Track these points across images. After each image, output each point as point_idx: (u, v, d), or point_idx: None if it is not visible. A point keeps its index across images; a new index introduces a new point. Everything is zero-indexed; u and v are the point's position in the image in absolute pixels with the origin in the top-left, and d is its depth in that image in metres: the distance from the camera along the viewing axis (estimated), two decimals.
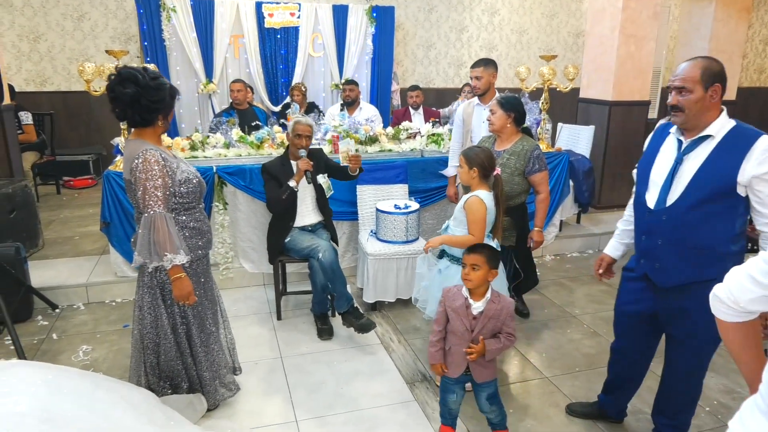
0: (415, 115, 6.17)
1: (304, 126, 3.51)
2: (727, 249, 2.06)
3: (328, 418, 2.74)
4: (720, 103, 2.06)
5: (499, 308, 2.30)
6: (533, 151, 3.19)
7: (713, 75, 2.02)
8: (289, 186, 3.41)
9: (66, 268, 4.27)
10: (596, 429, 2.70)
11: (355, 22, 7.42)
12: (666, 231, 2.14)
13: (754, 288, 1.30)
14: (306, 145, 3.52)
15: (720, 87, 2.03)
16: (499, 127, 3.21)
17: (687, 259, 2.11)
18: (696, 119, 2.06)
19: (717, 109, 2.06)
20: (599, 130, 5.77)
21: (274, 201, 3.46)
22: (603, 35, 5.73)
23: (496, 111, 3.19)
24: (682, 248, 2.11)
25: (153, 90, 2.32)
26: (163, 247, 2.27)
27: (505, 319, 2.31)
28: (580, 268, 4.83)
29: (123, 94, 2.30)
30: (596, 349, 3.45)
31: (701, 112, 2.05)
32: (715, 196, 2.02)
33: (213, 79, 7.03)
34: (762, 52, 10.68)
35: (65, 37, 7.20)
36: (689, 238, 2.09)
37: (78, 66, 3.93)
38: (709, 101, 2.03)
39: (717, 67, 2.04)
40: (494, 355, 2.32)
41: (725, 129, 2.04)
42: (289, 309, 3.94)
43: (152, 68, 2.51)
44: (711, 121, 2.05)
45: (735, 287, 1.34)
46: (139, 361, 2.59)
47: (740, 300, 1.33)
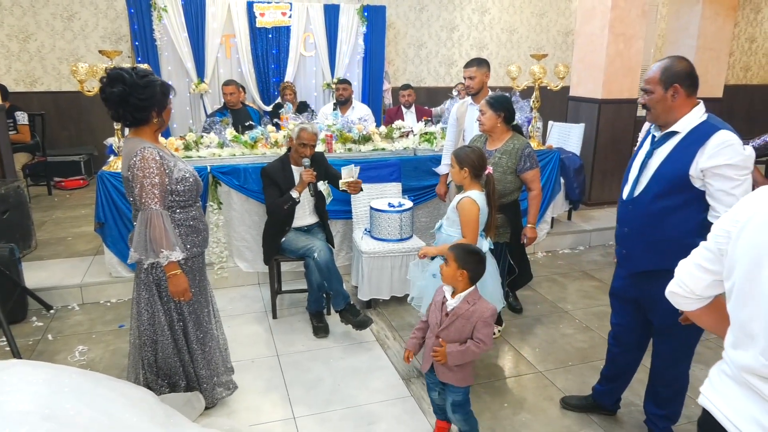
0: (408, 113, 6.21)
1: (310, 134, 3.44)
2: (693, 241, 2.10)
3: (326, 415, 2.77)
4: (688, 100, 2.12)
5: (471, 309, 2.28)
6: (524, 149, 3.23)
7: (672, 76, 2.09)
8: (291, 197, 3.39)
9: (60, 268, 4.27)
10: (590, 421, 2.75)
11: (346, 22, 7.44)
12: (632, 220, 2.27)
13: (704, 275, 1.39)
14: (310, 154, 3.46)
15: (679, 87, 2.08)
16: (489, 127, 3.25)
17: (652, 248, 2.22)
18: (664, 117, 2.15)
19: (686, 106, 2.12)
20: (589, 127, 5.83)
21: (275, 209, 3.45)
22: (593, 34, 5.80)
23: (486, 111, 3.22)
24: (647, 237, 2.23)
25: (141, 88, 2.33)
26: (159, 244, 2.30)
27: (476, 322, 2.26)
28: (572, 264, 4.89)
29: (111, 94, 2.32)
30: (588, 343, 3.50)
31: (666, 111, 2.14)
32: (673, 188, 2.11)
33: (204, 78, 7.03)
34: (748, 50, 10.82)
35: (55, 37, 7.16)
36: (652, 229, 2.19)
37: (71, 66, 3.93)
38: (671, 101, 2.11)
39: (679, 68, 2.11)
40: (456, 360, 2.27)
41: (692, 124, 2.11)
42: (284, 307, 3.96)
43: (145, 68, 2.52)
44: (680, 118, 2.13)
45: (687, 278, 1.44)
46: (137, 358, 2.61)
47: (695, 289, 1.42)
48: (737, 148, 2.00)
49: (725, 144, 2.00)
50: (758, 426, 1.21)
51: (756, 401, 1.23)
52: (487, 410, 2.82)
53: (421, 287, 2.99)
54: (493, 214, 2.86)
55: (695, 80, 2.13)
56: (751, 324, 1.22)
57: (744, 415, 1.25)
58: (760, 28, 10.76)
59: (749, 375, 1.24)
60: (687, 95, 2.11)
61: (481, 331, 2.28)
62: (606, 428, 2.69)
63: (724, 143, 2.00)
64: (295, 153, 3.51)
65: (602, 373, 2.75)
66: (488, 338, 2.28)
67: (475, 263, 2.32)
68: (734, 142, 2.01)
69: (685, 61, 2.14)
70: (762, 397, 1.22)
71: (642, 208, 2.21)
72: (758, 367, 1.20)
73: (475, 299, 2.32)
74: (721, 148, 2.00)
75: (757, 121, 10.75)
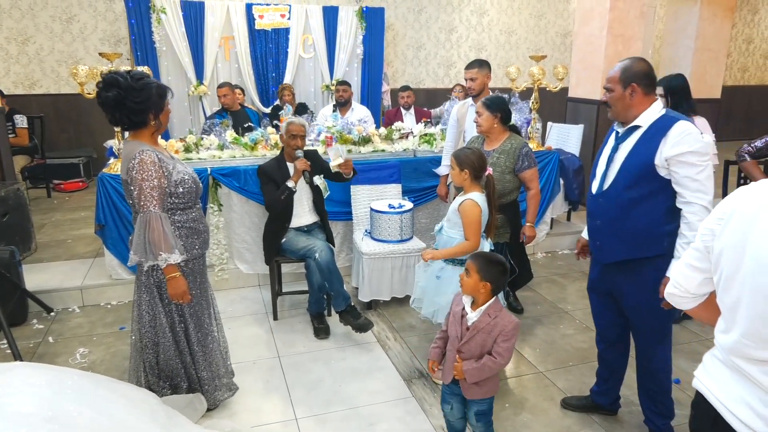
0: (407, 115, 6.21)
1: (297, 126, 3.54)
2: (662, 229, 2.23)
3: (328, 416, 2.77)
4: (645, 98, 2.23)
5: (492, 323, 2.16)
6: (522, 149, 3.24)
7: (631, 75, 2.22)
8: (288, 186, 3.44)
9: (60, 271, 4.27)
10: (590, 421, 2.75)
11: (345, 23, 7.46)
12: (603, 213, 2.36)
13: (695, 275, 1.45)
14: (301, 145, 3.54)
15: (637, 86, 2.20)
16: (486, 128, 3.26)
17: (623, 239, 2.30)
18: (623, 114, 2.27)
19: (644, 104, 2.23)
20: (588, 128, 5.84)
21: (273, 202, 3.48)
22: (591, 35, 5.81)
23: (483, 113, 3.24)
24: (618, 228, 2.31)
25: (137, 91, 2.33)
26: (158, 246, 2.30)
27: (497, 336, 2.15)
28: (572, 264, 4.90)
29: (107, 99, 2.33)
30: (588, 343, 3.51)
31: (625, 108, 2.26)
32: (640, 179, 2.21)
33: (204, 81, 7.04)
34: (745, 51, 10.86)
35: (54, 39, 7.17)
36: (623, 220, 2.28)
37: (71, 69, 3.93)
38: (629, 99, 2.23)
39: (637, 68, 2.23)
40: (473, 377, 2.16)
41: (653, 118, 2.22)
42: (285, 309, 3.96)
43: (145, 70, 2.52)
44: (640, 114, 2.24)
45: (681, 279, 1.50)
46: (138, 360, 2.61)
47: (689, 288, 1.48)
48: (696, 135, 2.12)
49: (685, 133, 2.11)
50: (747, 406, 1.28)
51: (744, 383, 1.30)
52: None
53: (423, 288, 2.99)
54: (494, 215, 2.87)
55: (652, 80, 2.25)
56: (735, 308, 1.29)
57: (734, 396, 1.31)
58: (757, 29, 10.80)
59: (736, 357, 1.31)
60: (644, 93, 2.22)
61: (501, 345, 2.14)
62: (607, 428, 2.69)
63: (685, 132, 2.11)
64: (288, 147, 3.56)
65: (597, 374, 2.79)
66: (507, 352, 2.15)
67: (499, 274, 2.20)
68: (693, 131, 2.12)
69: (644, 62, 2.26)
70: (749, 379, 1.29)
71: (612, 200, 2.30)
72: (742, 348, 1.28)
73: (497, 312, 2.19)
74: (683, 137, 2.11)
75: (756, 121, 10.79)
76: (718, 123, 3.99)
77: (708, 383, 1.40)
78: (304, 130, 3.57)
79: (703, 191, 2.12)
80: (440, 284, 2.86)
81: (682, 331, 3.64)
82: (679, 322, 3.83)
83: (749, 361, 1.28)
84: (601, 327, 2.66)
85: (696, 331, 3.64)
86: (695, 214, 2.12)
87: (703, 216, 2.10)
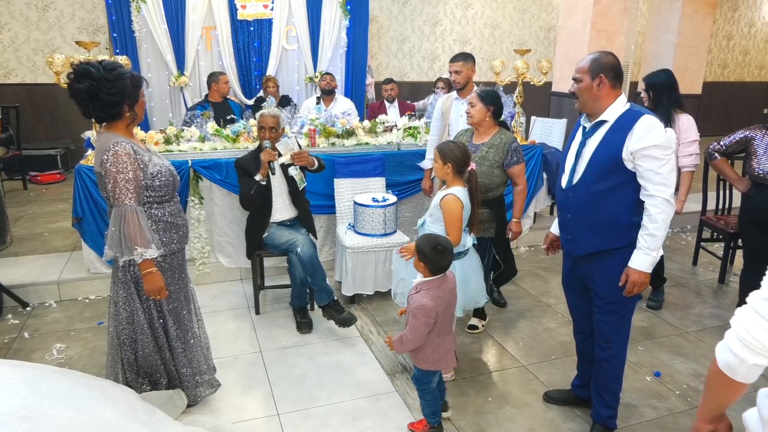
0: (391, 108, 6.18)
1: (267, 117, 3.44)
2: (630, 220, 2.29)
3: (311, 411, 2.75)
4: (612, 91, 2.28)
5: (412, 298, 2.37)
6: (511, 144, 3.24)
7: (599, 67, 2.27)
8: (255, 180, 3.37)
9: (36, 265, 4.18)
10: (573, 414, 2.77)
11: (329, 15, 7.37)
12: (573, 206, 2.41)
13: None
14: (271, 137, 3.43)
15: (604, 77, 2.25)
16: (478, 120, 3.24)
17: (593, 231, 2.35)
18: (590, 105, 2.32)
19: (611, 97, 2.28)
20: (572, 123, 5.85)
21: (244, 196, 3.43)
22: (575, 30, 5.83)
23: (476, 104, 3.21)
24: (588, 221, 2.35)
25: (110, 82, 2.26)
26: (133, 241, 2.25)
27: (410, 312, 2.35)
28: (554, 258, 4.91)
29: (79, 91, 2.25)
30: (571, 337, 3.49)
31: (592, 99, 2.30)
32: (608, 172, 2.25)
33: (185, 71, 6.92)
34: (725, 47, 11.00)
35: (29, 27, 6.99)
36: (593, 212, 2.32)
37: (47, 57, 3.83)
38: (597, 90, 2.27)
39: (605, 60, 2.28)
40: (397, 347, 2.41)
41: (618, 113, 2.26)
42: (268, 303, 3.93)
43: (124, 60, 2.45)
44: (606, 107, 2.29)
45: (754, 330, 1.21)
46: (116, 357, 2.56)
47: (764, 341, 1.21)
48: (660, 129, 2.17)
49: (650, 127, 2.16)
50: None
51: None
52: (472, 405, 2.83)
53: (402, 280, 2.97)
54: (476, 210, 2.86)
55: (620, 74, 2.29)
56: None
57: None
58: (737, 26, 10.94)
59: None
60: (611, 86, 2.27)
61: (409, 321, 2.34)
62: (589, 421, 2.71)
63: (649, 126, 2.16)
64: (259, 138, 3.50)
65: (577, 366, 2.82)
66: (411, 329, 2.32)
67: (433, 254, 2.32)
68: (657, 125, 2.17)
69: (612, 56, 2.32)
70: None
71: (581, 193, 2.35)
72: None
73: (421, 289, 2.34)
74: (647, 131, 2.15)
75: (734, 116, 10.94)
76: (699, 119, 4.01)
77: None
78: (275, 121, 3.45)
79: (665, 184, 2.17)
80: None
81: (662, 324, 3.68)
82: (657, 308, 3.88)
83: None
84: (577, 319, 2.70)
85: (675, 324, 3.69)
86: (656, 206, 2.18)
87: (664, 209, 2.17)
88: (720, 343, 1.27)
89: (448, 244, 2.41)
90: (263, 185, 3.41)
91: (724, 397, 1.32)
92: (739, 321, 1.23)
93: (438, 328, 2.38)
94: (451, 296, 2.45)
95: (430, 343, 2.38)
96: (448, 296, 2.42)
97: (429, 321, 2.31)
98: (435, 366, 2.46)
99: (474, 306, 3.18)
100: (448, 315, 2.46)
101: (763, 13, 11.02)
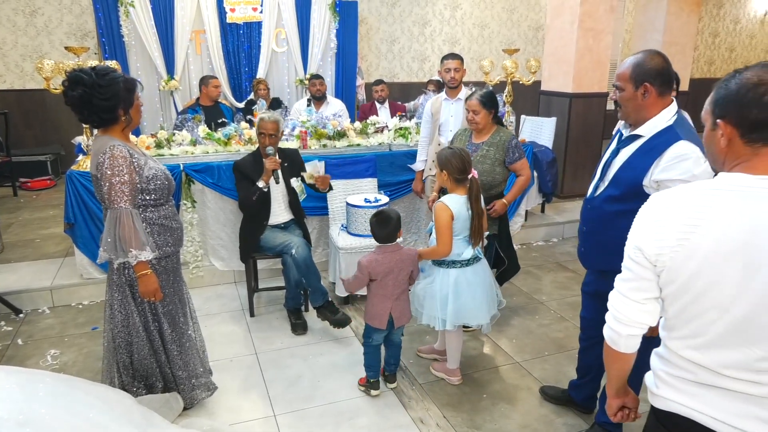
0: (381, 109, 6.20)
1: (268, 123, 3.43)
2: None
3: (307, 411, 2.77)
4: (659, 99, 2.02)
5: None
6: (511, 141, 3.26)
7: (643, 73, 1.99)
8: (258, 187, 3.39)
9: (29, 271, 4.16)
10: (567, 410, 2.80)
11: (318, 17, 7.38)
12: (589, 220, 2.29)
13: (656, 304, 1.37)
14: (272, 143, 3.44)
15: (650, 86, 1.99)
16: (484, 125, 3.26)
17: (603, 249, 2.22)
18: (634, 115, 2.08)
19: (658, 106, 2.03)
20: (561, 121, 5.92)
21: (245, 201, 3.43)
22: (563, 29, 5.88)
23: (480, 111, 3.19)
24: (599, 237, 2.25)
25: (103, 87, 2.27)
26: (128, 243, 2.26)
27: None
28: (546, 256, 4.97)
29: (73, 98, 2.26)
30: (564, 333, 3.57)
31: (636, 110, 2.05)
32: (628, 194, 2.06)
33: (174, 75, 6.90)
34: (711, 44, 11.12)
35: (17, 33, 6.96)
36: (605, 230, 2.18)
37: (36, 63, 3.82)
38: (641, 99, 2.02)
39: (651, 65, 2.00)
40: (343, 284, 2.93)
41: (657, 129, 2.03)
42: (262, 305, 3.94)
43: (113, 65, 2.45)
44: (651, 117, 2.04)
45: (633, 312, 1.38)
46: (112, 361, 2.56)
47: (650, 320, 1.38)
48: (692, 163, 1.92)
49: (681, 158, 1.94)
50: (755, 419, 1.23)
51: (741, 398, 1.24)
52: (467, 401, 2.86)
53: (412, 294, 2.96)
54: (476, 220, 2.75)
55: (668, 78, 2.03)
56: (744, 323, 1.21)
57: (734, 412, 1.25)
58: (722, 23, 11.06)
59: (739, 372, 1.23)
60: (659, 94, 2.01)
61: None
62: (583, 417, 2.74)
63: (680, 157, 1.94)
64: (260, 144, 3.50)
65: (576, 369, 2.79)
66: (349, 277, 2.88)
67: (372, 224, 2.78)
68: (690, 156, 1.93)
69: (659, 57, 2.03)
70: (740, 392, 1.23)
71: (598, 209, 2.23)
72: (754, 363, 1.21)
73: (374, 251, 2.81)
74: (676, 162, 1.94)
75: None
76: None
77: (696, 405, 1.29)
78: (276, 127, 3.45)
79: None
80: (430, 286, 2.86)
81: None
82: None
83: (758, 373, 1.20)
84: (585, 325, 2.62)
85: None
86: None
87: None
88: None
89: (387, 216, 2.77)
90: (266, 192, 3.42)
91: (617, 369, 1.50)
92: (611, 301, 1.44)
93: (376, 288, 2.77)
94: (394, 266, 2.75)
95: (370, 299, 2.81)
96: (389, 264, 2.74)
97: (360, 276, 2.76)
98: (369, 319, 2.83)
99: (463, 323, 2.87)
100: (388, 282, 2.76)
101: (747, 9, 11.15)
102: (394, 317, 2.79)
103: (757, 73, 1.20)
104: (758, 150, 1.21)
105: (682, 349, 1.30)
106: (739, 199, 1.19)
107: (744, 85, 1.21)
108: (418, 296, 2.88)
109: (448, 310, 2.75)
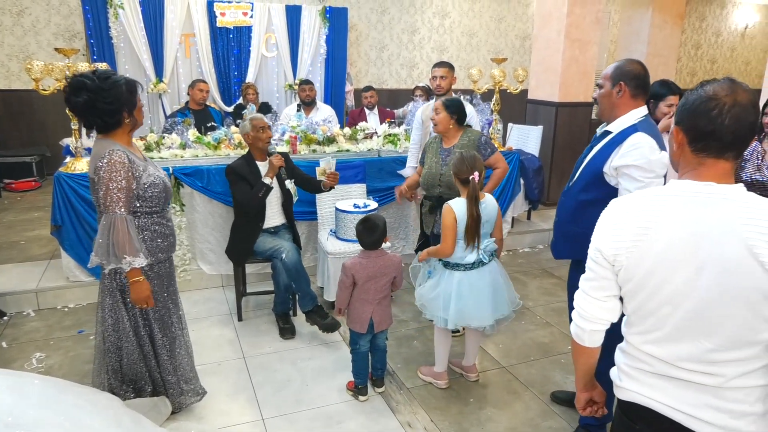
0: (371, 115, 6.24)
1: (260, 119, 3.53)
2: None
3: (295, 415, 2.78)
4: (631, 101, 2.20)
5: None
6: (480, 138, 3.31)
7: (621, 74, 2.20)
8: (265, 183, 3.40)
9: (14, 273, 4.12)
10: (552, 413, 2.84)
11: (308, 23, 7.43)
12: (560, 211, 2.46)
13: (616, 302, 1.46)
14: (269, 135, 3.54)
15: (624, 85, 2.18)
16: (443, 128, 3.30)
17: (570, 239, 2.38)
18: (607, 112, 2.27)
19: (628, 107, 2.21)
20: (547, 129, 6.01)
21: (248, 201, 3.41)
22: (550, 39, 5.97)
23: (441, 111, 3.26)
24: (567, 228, 2.41)
25: (106, 91, 2.27)
26: (122, 249, 2.25)
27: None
28: (532, 262, 5.03)
29: (77, 104, 2.26)
30: (549, 338, 3.62)
31: (609, 107, 2.25)
32: (591, 184, 2.26)
33: (163, 78, 6.89)
34: (694, 56, 11.33)
35: (4, 33, 6.89)
36: (573, 221, 2.35)
37: (25, 64, 3.80)
38: (615, 97, 2.21)
39: (629, 68, 2.21)
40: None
41: (625, 125, 2.20)
42: (250, 310, 3.94)
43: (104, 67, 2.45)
44: (620, 116, 2.22)
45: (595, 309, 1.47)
46: (102, 364, 2.56)
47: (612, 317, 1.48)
48: (646, 150, 2.09)
49: (636, 146, 2.10)
50: (708, 408, 1.30)
51: (695, 388, 1.32)
52: (453, 406, 2.89)
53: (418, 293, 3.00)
54: (471, 224, 2.72)
55: (642, 83, 2.20)
56: (695, 317, 1.30)
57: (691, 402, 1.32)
58: (704, 35, 11.29)
59: (691, 364, 1.31)
60: (632, 95, 2.19)
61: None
62: (568, 420, 2.79)
63: (636, 144, 2.10)
64: (258, 142, 3.51)
65: None
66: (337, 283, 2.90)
67: (358, 231, 2.83)
68: (644, 145, 2.09)
69: (639, 64, 2.23)
70: (695, 383, 1.31)
71: (569, 200, 2.39)
72: (706, 355, 1.29)
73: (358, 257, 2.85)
74: (631, 149, 2.10)
75: None
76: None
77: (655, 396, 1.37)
78: (266, 121, 3.57)
79: None
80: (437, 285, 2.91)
81: None
82: None
83: (710, 364, 1.28)
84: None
85: None
86: None
87: None
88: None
89: (374, 224, 2.80)
90: (272, 188, 3.45)
91: (583, 363, 1.58)
92: (576, 300, 1.52)
93: (358, 293, 2.82)
94: (377, 272, 2.80)
95: (352, 303, 2.85)
96: (372, 269, 2.79)
97: (344, 279, 2.81)
98: (350, 323, 2.88)
99: (465, 324, 2.92)
100: (369, 287, 2.81)
101: (729, 23, 11.40)
102: (374, 321, 2.84)
103: (715, 88, 1.28)
104: (703, 160, 1.31)
105: (641, 343, 1.39)
106: (686, 203, 1.29)
107: (700, 96, 1.29)
108: (423, 296, 2.94)
109: (450, 311, 2.79)
